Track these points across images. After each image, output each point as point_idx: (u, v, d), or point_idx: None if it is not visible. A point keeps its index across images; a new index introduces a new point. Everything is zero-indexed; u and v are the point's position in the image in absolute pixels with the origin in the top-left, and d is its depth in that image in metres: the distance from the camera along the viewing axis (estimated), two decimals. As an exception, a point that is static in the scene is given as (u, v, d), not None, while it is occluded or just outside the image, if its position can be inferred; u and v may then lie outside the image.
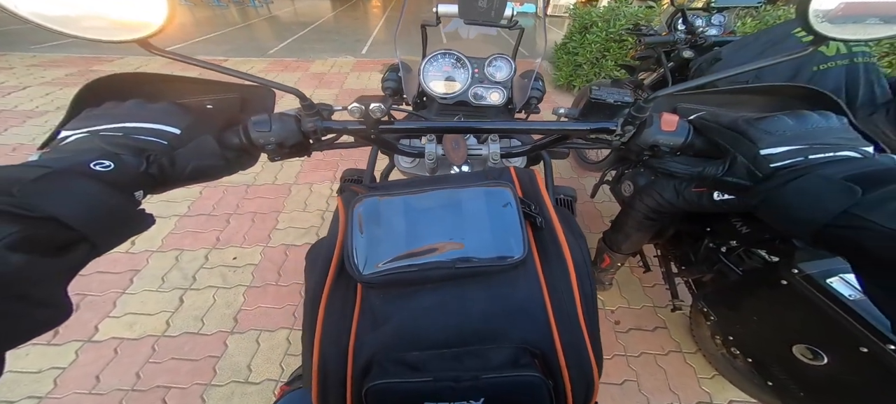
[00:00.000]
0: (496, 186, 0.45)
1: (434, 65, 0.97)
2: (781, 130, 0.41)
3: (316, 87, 4.18)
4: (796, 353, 0.91)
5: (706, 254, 1.22)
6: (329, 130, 0.53)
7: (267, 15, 8.77)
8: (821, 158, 0.38)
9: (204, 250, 1.90)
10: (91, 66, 4.46)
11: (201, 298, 1.66)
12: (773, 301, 0.96)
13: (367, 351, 0.37)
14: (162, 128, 0.41)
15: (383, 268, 0.39)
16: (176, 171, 0.41)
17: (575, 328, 0.39)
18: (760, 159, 0.40)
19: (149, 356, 1.43)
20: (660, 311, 1.72)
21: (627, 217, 1.37)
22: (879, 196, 0.30)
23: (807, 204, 0.34)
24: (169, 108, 0.43)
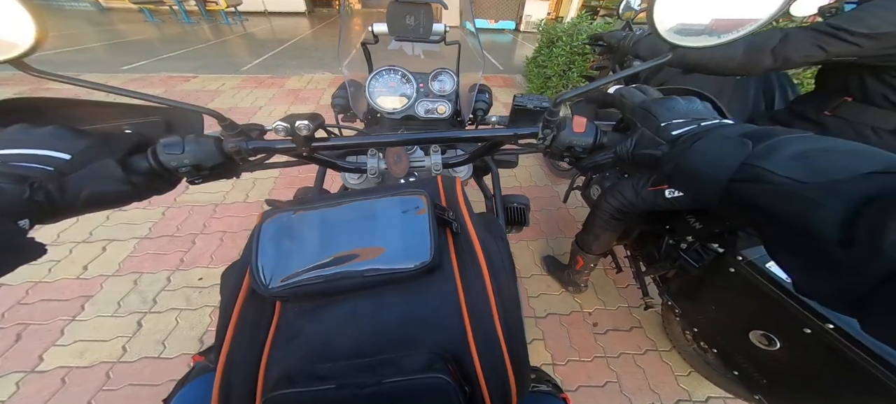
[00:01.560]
0: (411, 194, 0.45)
1: (379, 81, 0.98)
2: (677, 108, 0.44)
3: (291, 102, 4.08)
4: (753, 340, 0.93)
5: (667, 251, 1.27)
6: (257, 150, 0.51)
7: (242, 32, 8.55)
8: (711, 124, 0.41)
9: (166, 272, 1.77)
10: (44, 86, 4.17)
11: (162, 321, 1.53)
12: (725, 289, 1.00)
13: (279, 367, 0.37)
14: (47, 153, 0.38)
15: (290, 280, 0.38)
16: (67, 198, 0.38)
17: (490, 331, 0.38)
18: (662, 129, 0.43)
19: (102, 383, 1.30)
20: (634, 311, 1.74)
21: (595, 218, 1.42)
22: (768, 146, 0.31)
23: (710, 162, 0.35)
24: (57, 132, 0.40)
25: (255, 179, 2.48)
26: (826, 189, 0.25)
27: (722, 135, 0.36)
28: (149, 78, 4.73)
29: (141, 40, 6.97)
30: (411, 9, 0.87)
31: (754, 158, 0.31)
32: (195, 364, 0.56)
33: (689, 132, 0.40)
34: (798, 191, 0.27)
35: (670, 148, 0.40)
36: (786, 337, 0.86)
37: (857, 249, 0.22)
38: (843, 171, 0.25)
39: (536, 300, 1.76)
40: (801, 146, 0.30)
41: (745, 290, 0.92)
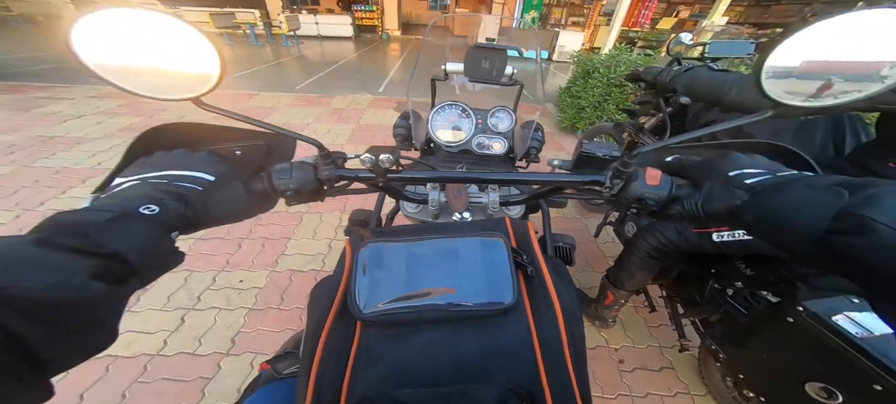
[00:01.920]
0: (490, 237, 0.48)
1: (441, 115, 1.02)
2: (740, 161, 0.44)
3: (335, 121, 4.35)
4: (810, 392, 0.87)
5: (712, 295, 1.19)
6: (342, 178, 0.55)
7: (297, 54, 9.34)
8: (791, 174, 0.39)
9: (213, 272, 1.91)
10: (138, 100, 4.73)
11: (203, 318, 1.64)
12: (781, 339, 0.94)
13: (361, 388, 0.38)
14: (200, 175, 0.45)
15: (382, 308, 0.41)
16: (207, 215, 0.44)
17: (562, 370, 0.39)
18: (732, 179, 0.42)
19: (139, 375, 1.40)
20: (666, 352, 1.63)
21: (630, 255, 1.36)
22: (868, 195, 0.29)
23: (800, 212, 0.33)
24: (207, 158, 0.47)
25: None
26: None
27: (810, 185, 0.35)
28: (219, 95, 5.09)
29: (215, 61, 7.82)
30: (488, 54, 0.92)
31: (853, 207, 0.29)
32: (263, 371, 0.59)
33: (767, 181, 0.39)
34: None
35: (750, 197, 0.39)
36: (851, 392, 0.81)
37: None
38: None
39: (559, 335, 1.70)
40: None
41: (806, 342, 0.87)
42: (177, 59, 0.39)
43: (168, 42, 0.37)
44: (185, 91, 0.41)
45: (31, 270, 0.28)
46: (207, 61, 0.39)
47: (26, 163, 2.89)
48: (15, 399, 0.26)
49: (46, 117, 3.89)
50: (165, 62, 0.39)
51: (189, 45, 0.38)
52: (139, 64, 0.38)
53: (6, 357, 0.25)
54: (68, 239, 0.31)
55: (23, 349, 0.26)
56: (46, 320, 0.27)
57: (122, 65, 0.37)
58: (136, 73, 0.39)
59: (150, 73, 0.39)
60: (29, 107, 4.14)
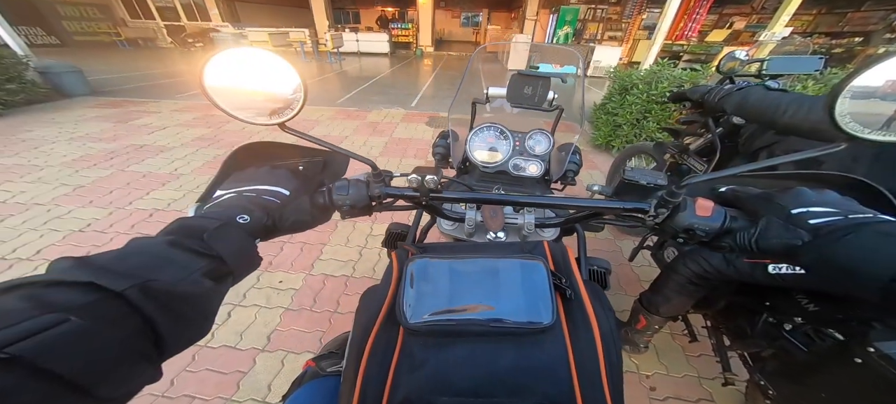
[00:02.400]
0: (531, 260, 0.50)
1: (480, 136, 1.04)
2: (805, 197, 0.41)
3: (370, 134, 4.53)
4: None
5: (765, 330, 1.07)
6: (389, 195, 0.59)
7: (339, 69, 9.94)
8: (861, 218, 0.37)
9: (258, 272, 2.03)
10: (210, 111, 5.27)
11: (245, 314, 1.76)
12: (847, 381, 0.84)
13: (403, 391, 0.40)
14: (280, 190, 0.50)
15: (427, 319, 0.44)
16: (282, 225, 0.49)
17: (598, 392, 0.40)
18: (794, 217, 0.40)
19: (187, 364, 1.51)
20: (705, 383, 1.52)
21: (668, 279, 1.25)
22: None
23: (867, 258, 0.32)
24: (286, 175, 0.53)
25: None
26: None
27: (883, 232, 0.34)
28: None
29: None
30: (532, 82, 0.94)
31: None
32: (307, 369, 0.63)
33: (834, 223, 0.38)
34: None
35: (813, 239, 0.38)
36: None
37: None
38: None
39: (587, 359, 1.63)
40: None
41: (877, 384, 0.78)
42: (271, 88, 0.47)
43: (267, 73, 0.45)
44: (275, 116, 0.48)
45: (166, 267, 0.32)
46: (294, 90, 0.47)
47: (122, 168, 3.33)
48: (142, 377, 0.29)
49: (140, 128, 4.46)
50: (262, 90, 0.46)
51: (281, 75, 0.46)
52: (241, 91, 0.46)
53: (143, 340, 0.29)
54: (191, 241, 0.36)
55: (155, 333, 0.29)
56: (172, 309, 0.31)
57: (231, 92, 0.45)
58: (238, 98, 0.46)
59: (249, 98, 0.46)
60: (127, 120, 4.78)
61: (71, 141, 3.91)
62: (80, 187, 2.93)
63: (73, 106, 5.30)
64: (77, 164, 3.34)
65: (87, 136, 4.07)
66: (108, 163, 3.39)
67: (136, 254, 0.32)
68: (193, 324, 0.34)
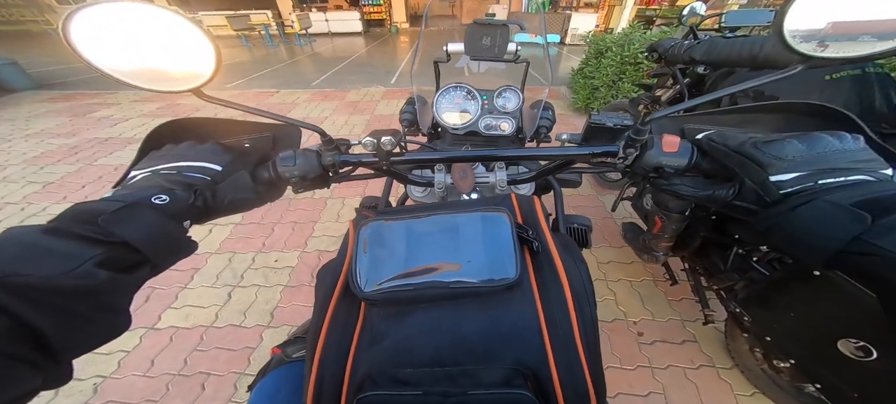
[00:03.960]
0: (493, 211, 0.46)
1: (446, 97, 0.98)
2: (791, 155, 0.39)
3: (351, 113, 4.43)
4: (843, 350, 0.82)
5: (736, 263, 1.16)
6: (346, 163, 0.55)
7: (310, 52, 9.48)
8: (831, 183, 0.37)
9: (252, 253, 2.03)
10: (176, 101, 4.98)
11: (246, 295, 1.76)
12: (809, 294, 0.88)
13: (364, 367, 0.38)
14: (206, 165, 0.45)
15: (383, 286, 0.40)
16: (216, 203, 0.45)
17: (571, 350, 0.38)
18: (769, 185, 0.39)
19: (197, 344, 1.53)
20: (688, 325, 1.63)
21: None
22: (889, 223, 0.29)
23: (815, 231, 0.33)
24: (213, 148, 0.47)
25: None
26: None
27: (834, 202, 0.33)
28: (245, 93, 5.51)
29: (237, 63, 8.04)
30: (489, 30, 0.88)
31: (870, 235, 0.29)
32: (274, 355, 0.60)
33: (800, 191, 0.37)
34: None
35: (773, 205, 0.38)
36: (885, 348, 0.76)
37: None
38: None
39: (579, 305, 1.74)
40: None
41: (834, 296, 0.81)
42: (174, 52, 0.38)
43: (164, 35, 0.37)
44: (185, 83, 0.40)
45: (36, 258, 0.28)
46: (203, 53, 0.38)
47: (89, 162, 3.18)
48: (28, 383, 0.26)
49: (100, 122, 4.20)
50: (164, 55, 0.38)
51: (184, 37, 0.37)
52: (139, 57, 0.38)
53: (14, 343, 0.25)
54: (78, 227, 0.31)
55: (32, 335, 0.26)
56: (53, 306, 0.27)
57: (122, 58, 0.37)
58: (136, 66, 0.39)
59: (150, 65, 0.39)
60: (84, 113, 4.49)
61: (27, 138, 3.66)
62: (49, 184, 2.80)
63: (21, 101, 4.93)
64: (40, 161, 3.16)
65: (44, 132, 3.82)
66: (73, 159, 3.22)
67: (6, 246, 0.28)
68: (93, 322, 0.30)
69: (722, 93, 0.43)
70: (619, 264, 1.97)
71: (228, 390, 1.36)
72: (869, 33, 0.32)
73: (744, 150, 0.42)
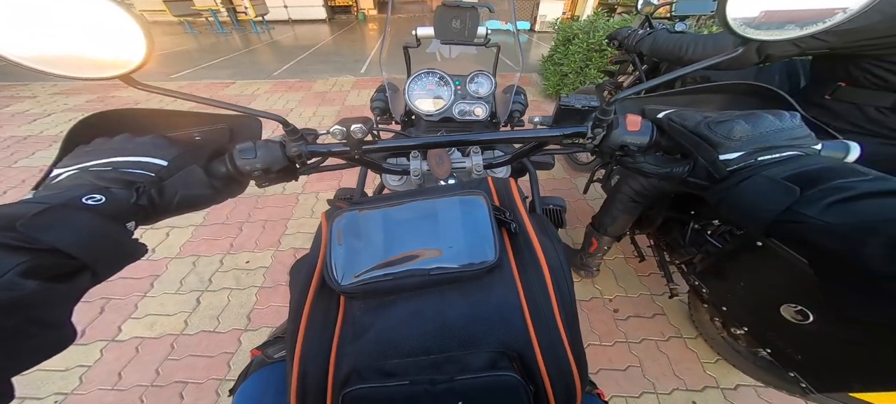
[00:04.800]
0: (470, 195, 0.46)
1: (418, 83, 0.98)
2: (739, 134, 0.43)
3: (319, 104, 4.28)
4: (785, 315, 0.92)
5: (693, 237, 1.27)
6: (314, 154, 0.53)
7: (268, 40, 8.98)
8: (768, 159, 0.41)
9: (219, 255, 1.95)
10: (108, 93, 4.55)
11: (217, 299, 1.70)
12: (754, 264, 0.99)
13: (348, 362, 0.37)
14: (149, 160, 0.41)
15: (361, 277, 0.39)
16: (164, 202, 0.41)
17: (552, 330, 0.39)
18: (719, 163, 0.42)
19: (168, 353, 1.46)
20: (657, 299, 1.76)
21: (614, 200, 1.46)
22: (815, 194, 0.33)
23: (755, 203, 0.37)
24: (155, 141, 0.43)
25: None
26: (868, 230, 0.28)
27: (770, 178, 0.37)
28: (195, 85, 5.12)
29: (182, 51, 7.46)
30: (458, 13, 0.88)
31: (799, 205, 0.33)
32: (254, 358, 0.58)
33: (742, 168, 0.41)
34: (842, 232, 0.29)
35: (721, 181, 0.42)
36: (818, 310, 0.85)
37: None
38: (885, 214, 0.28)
39: (557, 286, 1.83)
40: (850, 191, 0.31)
41: (775, 265, 0.91)
42: (95, 36, 0.34)
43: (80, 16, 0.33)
44: (111, 69, 0.36)
45: None
46: (130, 36, 0.34)
47: (8, 164, 2.85)
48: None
49: (15, 118, 3.75)
50: (83, 39, 0.34)
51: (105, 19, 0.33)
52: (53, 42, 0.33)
53: None
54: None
55: None
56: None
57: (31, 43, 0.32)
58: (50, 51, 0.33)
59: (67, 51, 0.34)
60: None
61: (-71, 140, 3.22)
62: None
63: None
64: (-52, 169, 2.78)
65: (-52, 133, 3.37)
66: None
67: None
68: (27, 337, 0.28)
69: (674, 74, 0.48)
70: (594, 245, 2.09)
71: (210, 396, 1.32)
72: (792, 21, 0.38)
73: (699, 131, 0.45)
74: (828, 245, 0.31)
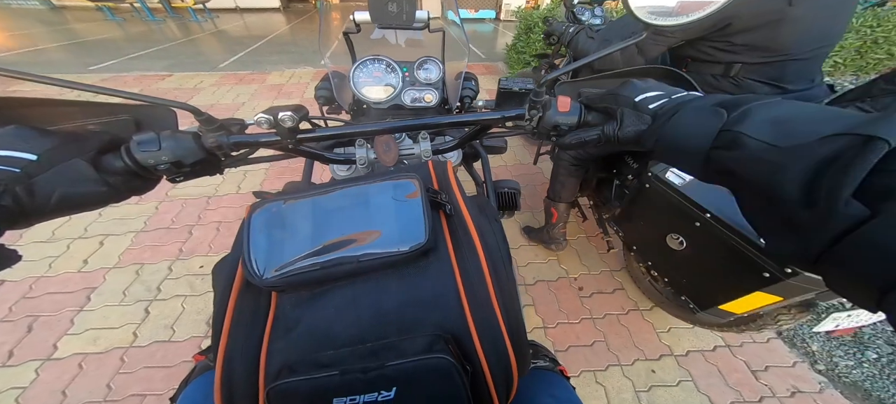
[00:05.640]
0: (402, 178, 0.46)
1: (364, 71, 0.97)
2: (639, 86, 0.47)
3: (275, 97, 4.13)
4: (670, 244, 1.11)
5: (616, 192, 1.49)
6: (239, 145, 0.49)
7: (213, 29, 8.41)
8: (682, 97, 0.42)
9: (166, 262, 1.85)
10: (8, 87, 4.06)
11: (169, 307, 1.62)
12: (645, 204, 1.19)
13: (279, 358, 0.37)
14: (10, 154, 0.35)
15: (284, 269, 0.38)
16: (37, 202, 0.36)
17: (488, 311, 0.40)
18: (639, 104, 0.44)
19: (118, 367, 1.39)
20: (616, 275, 1.90)
21: (558, 169, 1.68)
22: (742, 112, 0.33)
23: (690, 133, 0.37)
24: (19, 133, 0.37)
25: (245, 171, 2.56)
26: (790, 152, 0.27)
27: (697, 107, 0.37)
28: (121, 78, 4.68)
29: (103, 39, 6.81)
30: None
31: (731, 124, 0.33)
32: (197, 363, 0.57)
33: (665, 105, 0.41)
34: (768, 156, 0.28)
35: (652, 122, 0.42)
36: (688, 235, 1.04)
37: (817, 210, 0.24)
38: (808, 135, 0.27)
39: (525, 269, 1.93)
40: (772, 112, 0.31)
41: (657, 201, 1.11)
42: None
43: None
44: None
45: None
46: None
47: None
48: None
49: None
50: None
51: None
52: None
53: None
54: None
55: None
56: None
57: None
58: None
59: None
60: None
61: None
62: None
63: None
64: None
65: None
66: None
67: None
68: None
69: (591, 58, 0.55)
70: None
71: (172, 407, 1.28)
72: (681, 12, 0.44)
73: (610, 91, 0.49)
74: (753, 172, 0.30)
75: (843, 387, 1.42)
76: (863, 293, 0.23)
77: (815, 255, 0.24)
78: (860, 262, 0.22)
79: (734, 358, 1.52)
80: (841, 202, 0.22)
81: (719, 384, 1.43)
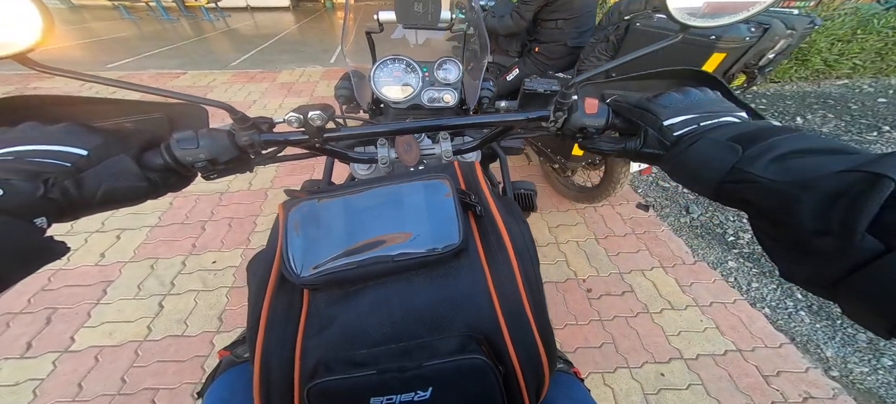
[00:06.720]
0: (433, 179, 0.46)
1: (384, 70, 0.97)
2: (674, 104, 0.46)
3: (285, 96, 4.16)
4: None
5: None
6: (269, 143, 0.51)
7: (224, 28, 8.54)
8: (710, 124, 0.43)
9: (180, 257, 1.88)
10: (29, 83, 4.16)
11: (182, 302, 1.65)
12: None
13: (314, 355, 0.37)
14: (63, 149, 0.37)
15: (321, 268, 0.39)
16: (85, 195, 0.37)
17: (520, 311, 0.40)
18: (665, 129, 0.45)
19: (133, 360, 1.42)
20: (625, 277, 1.88)
21: None
22: (756, 151, 0.34)
23: (704, 165, 0.38)
24: (71, 129, 0.39)
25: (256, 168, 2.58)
26: (801, 186, 0.29)
27: (715, 140, 0.39)
28: (137, 75, 4.78)
29: (119, 38, 6.94)
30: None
31: (743, 163, 0.34)
32: (222, 358, 0.57)
33: (689, 132, 0.43)
34: (778, 189, 0.31)
35: (672, 147, 0.43)
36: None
37: (830, 239, 0.26)
38: (818, 171, 0.29)
39: (534, 270, 1.93)
40: (785, 148, 0.33)
41: None
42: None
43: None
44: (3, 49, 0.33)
45: None
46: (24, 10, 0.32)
47: None
48: None
49: None
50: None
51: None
52: None
53: None
54: None
55: None
56: None
57: None
58: None
59: None
60: None
61: None
62: None
63: None
64: None
65: None
66: None
67: None
68: None
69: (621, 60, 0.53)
70: (567, 226, 2.22)
71: (185, 401, 1.31)
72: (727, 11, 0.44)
73: (642, 104, 0.49)
74: (766, 202, 0.32)
75: (857, 394, 1.39)
76: (876, 322, 0.25)
77: (831, 282, 0.26)
78: (876, 294, 0.23)
79: (745, 362, 1.49)
80: (856, 236, 0.23)
81: (730, 388, 1.41)
